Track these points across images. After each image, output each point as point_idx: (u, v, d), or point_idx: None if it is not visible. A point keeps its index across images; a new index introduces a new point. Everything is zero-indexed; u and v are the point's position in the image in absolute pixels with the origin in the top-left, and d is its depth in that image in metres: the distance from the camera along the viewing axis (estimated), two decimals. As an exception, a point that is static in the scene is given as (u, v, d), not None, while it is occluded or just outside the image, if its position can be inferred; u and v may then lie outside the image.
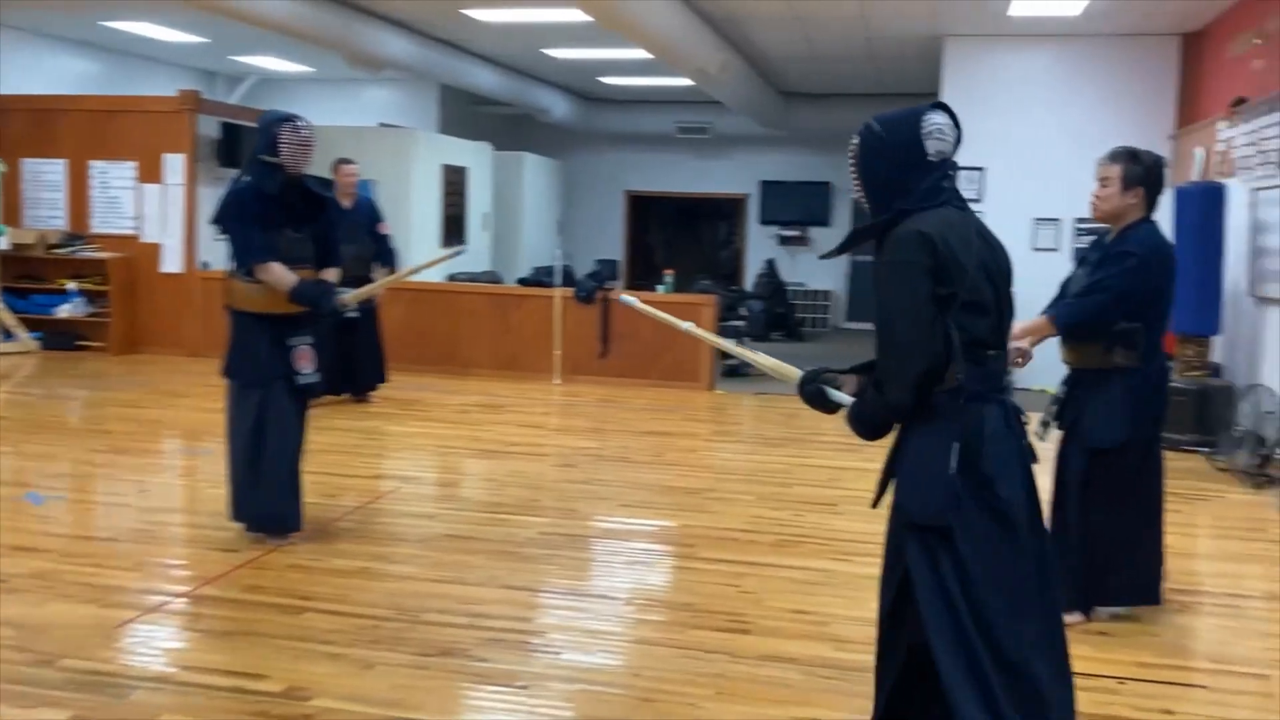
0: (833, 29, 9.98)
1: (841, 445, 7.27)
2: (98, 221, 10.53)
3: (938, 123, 2.51)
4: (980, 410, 2.41)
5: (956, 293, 2.37)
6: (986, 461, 2.39)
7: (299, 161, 4.40)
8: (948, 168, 2.51)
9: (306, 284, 4.45)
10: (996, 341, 2.47)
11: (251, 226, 4.42)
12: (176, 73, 13.58)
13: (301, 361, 4.52)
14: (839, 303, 16.51)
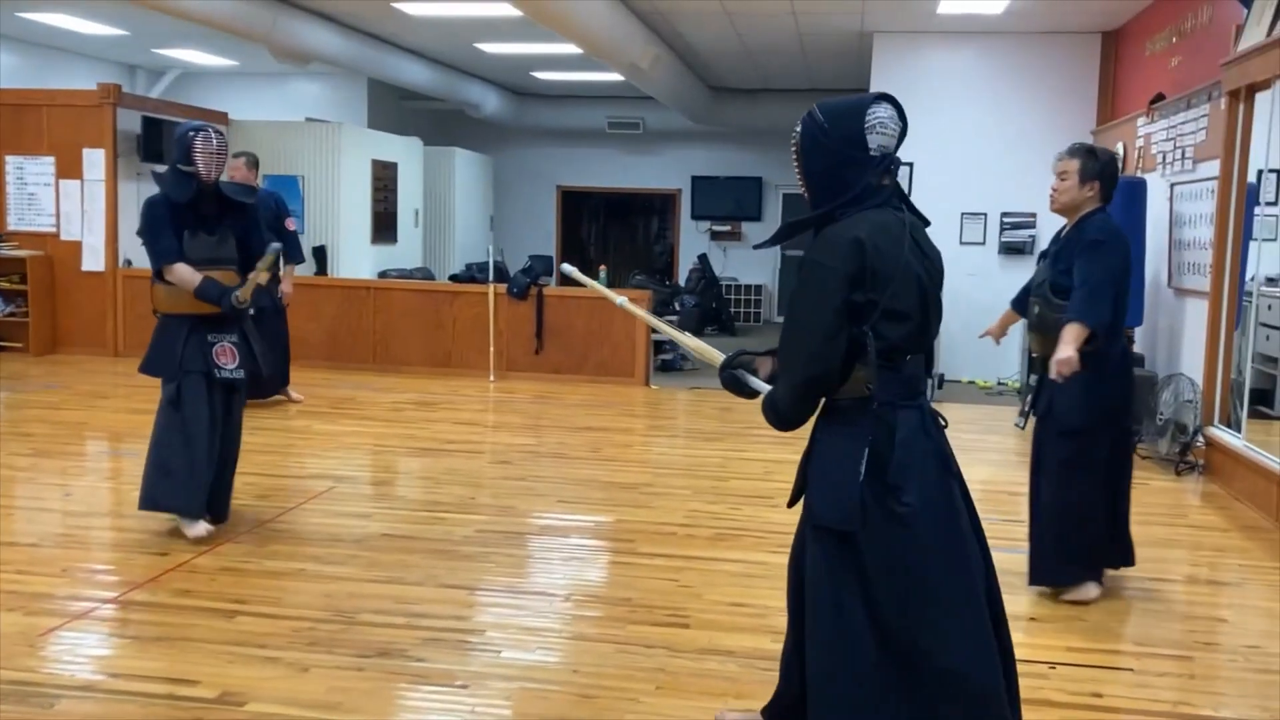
0: (763, 24, 10.05)
1: (776, 439, 7.31)
2: (15, 219, 10.23)
3: (881, 116, 2.45)
4: (894, 416, 2.40)
5: (877, 301, 2.34)
6: (895, 469, 2.38)
7: (212, 169, 4.61)
8: (889, 163, 2.46)
9: (207, 283, 4.61)
10: (916, 347, 2.45)
11: (161, 232, 4.63)
12: (96, 66, 13.24)
13: (222, 357, 4.69)
14: (771, 297, 16.64)
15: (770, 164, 16.33)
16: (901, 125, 2.48)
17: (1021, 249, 9.93)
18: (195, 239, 4.66)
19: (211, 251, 4.71)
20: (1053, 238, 4.36)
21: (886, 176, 2.46)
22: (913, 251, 2.41)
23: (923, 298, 2.43)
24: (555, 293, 9.71)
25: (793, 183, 16.25)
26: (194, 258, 4.64)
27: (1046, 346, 4.13)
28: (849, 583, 2.39)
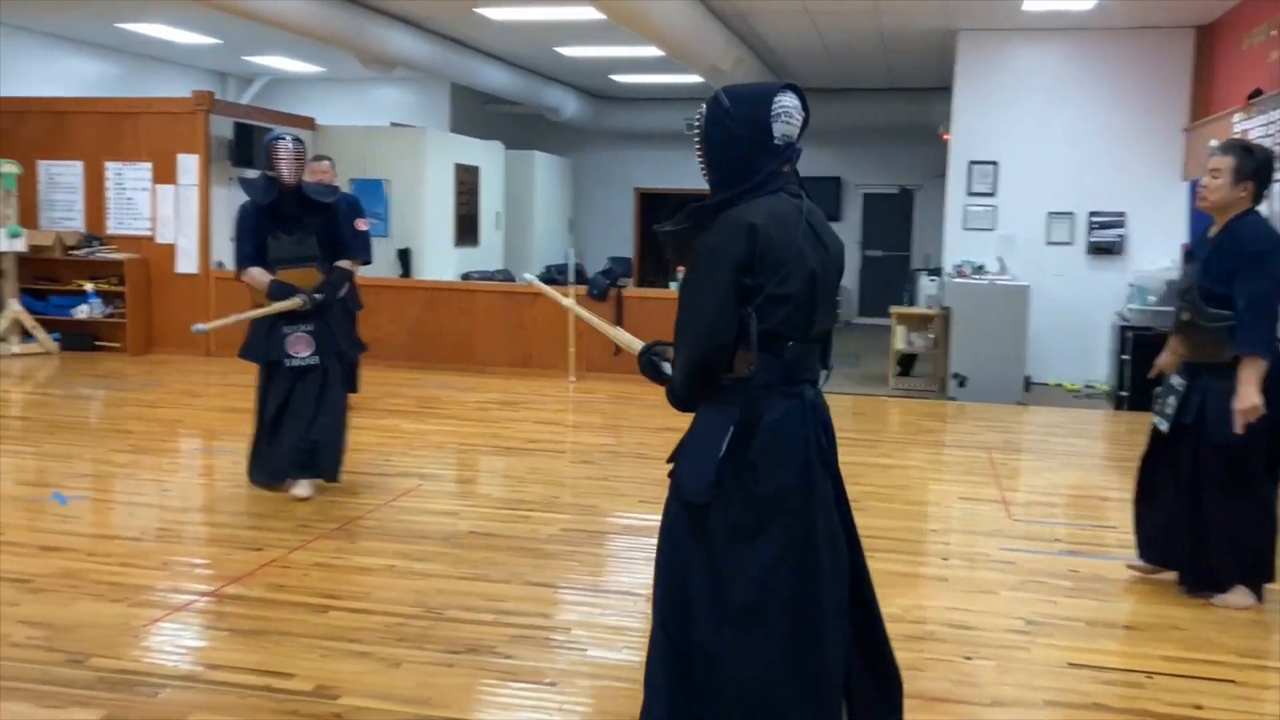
0: (845, 23, 9.97)
1: (859, 442, 7.28)
2: (114, 223, 10.58)
3: (787, 105, 2.47)
4: (766, 400, 2.43)
5: (764, 285, 2.37)
6: (756, 450, 2.41)
7: (291, 173, 5.09)
8: (790, 153, 2.48)
9: (273, 285, 5.15)
10: (800, 335, 2.45)
11: (244, 239, 5.21)
12: (190, 74, 13.62)
13: (294, 347, 5.20)
14: (850, 298, 16.48)
15: (849, 164, 16.18)
16: (804, 115, 2.52)
17: (1111, 249, 9.71)
18: (277, 240, 5.16)
19: (292, 251, 5.19)
20: (1197, 239, 4.16)
21: (788, 164, 2.49)
22: (808, 240, 2.44)
23: (811, 286, 2.44)
24: (634, 294, 9.74)
25: (874, 182, 16.13)
26: (276, 257, 5.16)
27: (1196, 353, 4.00)
28: (697, 552, 2.45)
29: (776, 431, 2.42)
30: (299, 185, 5.15)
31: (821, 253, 2.48)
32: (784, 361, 2.44)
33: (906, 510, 5.50)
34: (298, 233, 5.20)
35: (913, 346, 9.81)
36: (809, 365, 2.52)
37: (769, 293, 2.38)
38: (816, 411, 2.50)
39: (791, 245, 2.39)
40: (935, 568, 4.62)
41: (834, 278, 2.53)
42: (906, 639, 3.70)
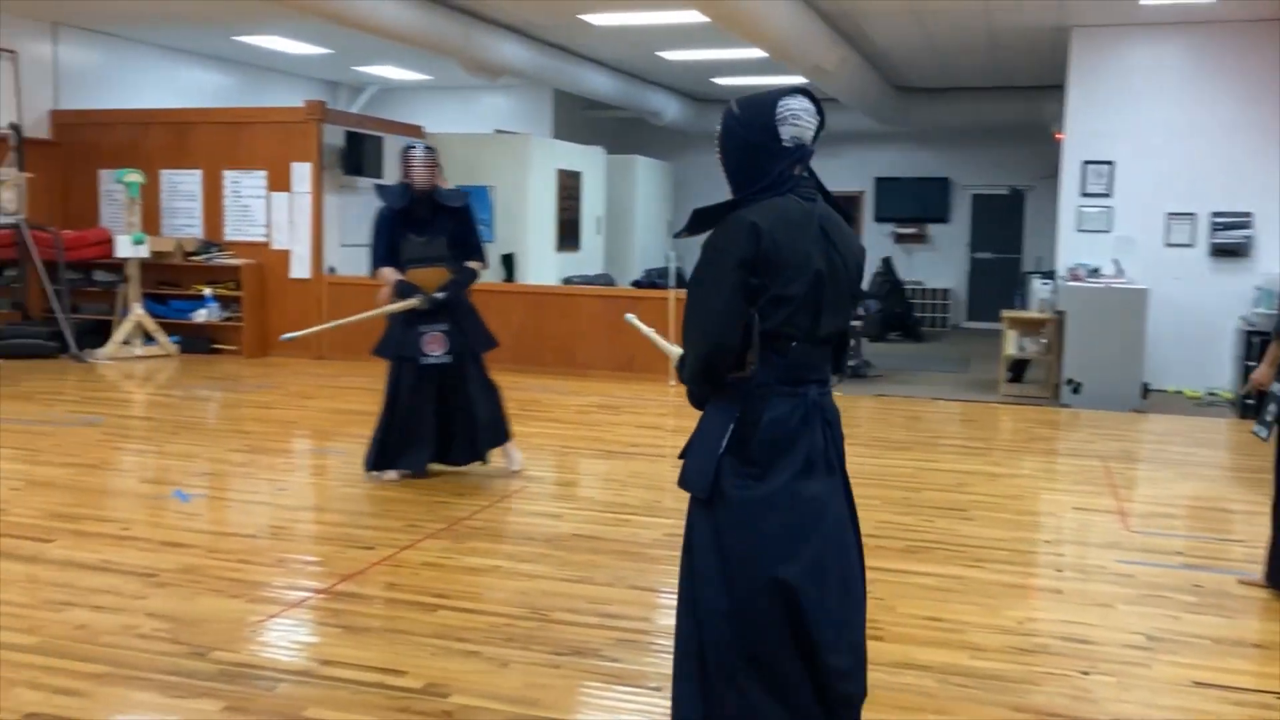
0: (953, 22, 9.79)
1: (968, 449, 7.13)
2: (231, 229, 10.94)
3: (794, 108, 2.50)
4: (767, 399, 2.45)
5: (768, 286, 2.40)
6: (755, 447, 2.44)
7: (422, 179, 5.46)
8: (801, 154, 2.50)
9: (400, 284, 5.48)
10: (805, 335, 2.46)
11: (379, 241, 5.57)
12: (303, 84, 14.03)
13: (430, 345, 5.53)
14: (959, 301, 16.18)
15: (958, 164, 15.89)
16: (819, 119, 2.53)
17: (1236, 251, 9.33)
18: (408, 241, 5.51)
19: (422, 251, 5.53)
20: None
21: (798, 166, 2.51)
22: (816, 241, 2.45)
23: (816, 288, 2.44)
24: (737, 298, 9.68)
25: (982, 183, 15.79)
26: (408, 257, 5.51)
27: None
28: (705, 545, 2.50)
29: (776, 430, 2.45)
30: (431, 190, 5.51)
31: (831, 255, 2.47)
32: (787, 361, 2.47)
33: (1017, 520, 5.36)
34: (428, 235, 5.54)
35: (1024, 351, 9.57)
36: (816, 366, 2.52)
37: (772, 293, 2.41)
38: (821, 412, 2.51)
39: (796, 246, 2.42)
40: (1048, 579, 4.49)
41: (846, 281, 2.52)
42: (1019, 651, 3.60)
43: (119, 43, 11.68)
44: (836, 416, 2.56)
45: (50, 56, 11.04)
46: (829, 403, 2.54)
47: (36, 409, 7.71)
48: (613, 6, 9.52)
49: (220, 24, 10.81)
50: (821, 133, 2.55)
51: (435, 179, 5.53)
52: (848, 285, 2.53)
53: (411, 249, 5.54)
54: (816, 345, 2.50)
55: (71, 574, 4.20)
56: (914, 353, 12.73)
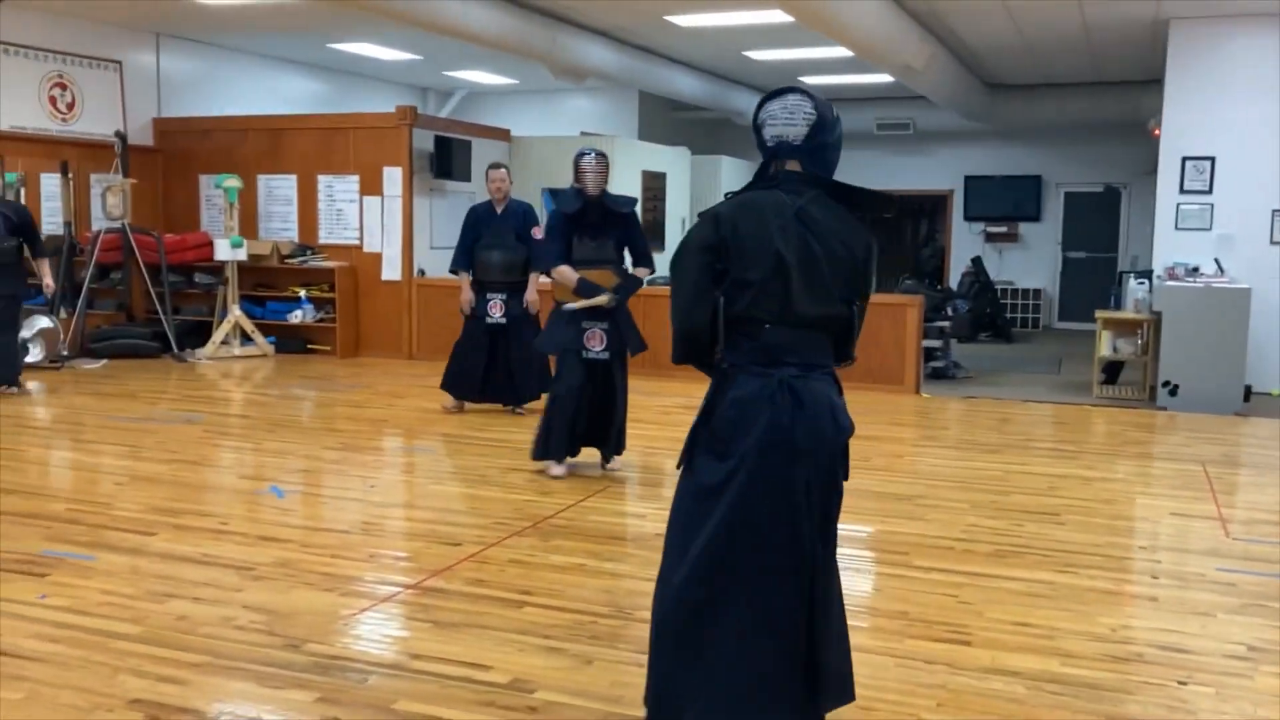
0: (1046, 17, 9.59)
1: (1060, 452, 6.98)
2: (324, 233, 11.21)
3: (771, 109, 2.73)
4: (736, 377, 2.68)
5: (729, 269, 2.64)
6: (719, 419, 2.69)
7: (591, 184, 5.77)
8: (784, 151, 2.71)
9: (582, 282, 5.77)
10: (777, 319, 2.64)
11: (553, 241, 5.93)
12: (393, 89, 14.31)
13: (591, 341, 5.84)
14: (1051, 302, 15.84)
15: (1050, 161, 15.57)
16: (812, 116, 2.70)
17: (1344, 248, 8.98)
18: (581, 243, 5.82)
19: (593, 254, 5.83)
20: None
21: (787, 162, 2.72)
22: (785, 230, 2.62)
23: (780, 273, 2.61)
24: (823, 298, 9.62)
25: (1075, 180, 15.43)
26: (579, 258, 5.79)
27: None
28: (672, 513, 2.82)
29: (739, 407, 2.65)
30: (602, 195, 5.81)
31: (809, 244, 2.63)
32: (759, 344, 2.66)
33: (1111, 526, 5.23)
34: (598, 238, 5.84)
35: (1119, 353, 9.34)
36: (795, 350, 2.67)
37: (733, 277, 2.64)
38: (794, 394, 2.62)
39: (757, 233, 2.62)
40: (1144, 586, 4.38)
41: (830, 270, 2.65)
42: (1113, 660, 3.52)
43: (218, 51, 12.05)
44: (821, 404, 2.66)
45: (153, 66, 11.44)
46: (811, 386, 2.66)
47: (140, 407, 8.00)
48: (698, 7, 9.52)
49: (315, 32, 11.08)
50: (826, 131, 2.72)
51: (604, 185, 5.82)
52: (832, 274, 2.67)
53: (583, 250, 5.82)
54: (796, 329, 2.66)
55: (173, 566, 4.35)
56: (1004, 354, 12.50)
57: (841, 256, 2.67)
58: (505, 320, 7.61)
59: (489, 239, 7.61)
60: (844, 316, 2.71)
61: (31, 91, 10.26)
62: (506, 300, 7.60)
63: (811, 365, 2.67)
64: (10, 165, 9.96)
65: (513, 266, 7.63)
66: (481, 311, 7.61)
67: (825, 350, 2.72)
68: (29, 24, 10.09)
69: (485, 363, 7.69)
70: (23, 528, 4.84)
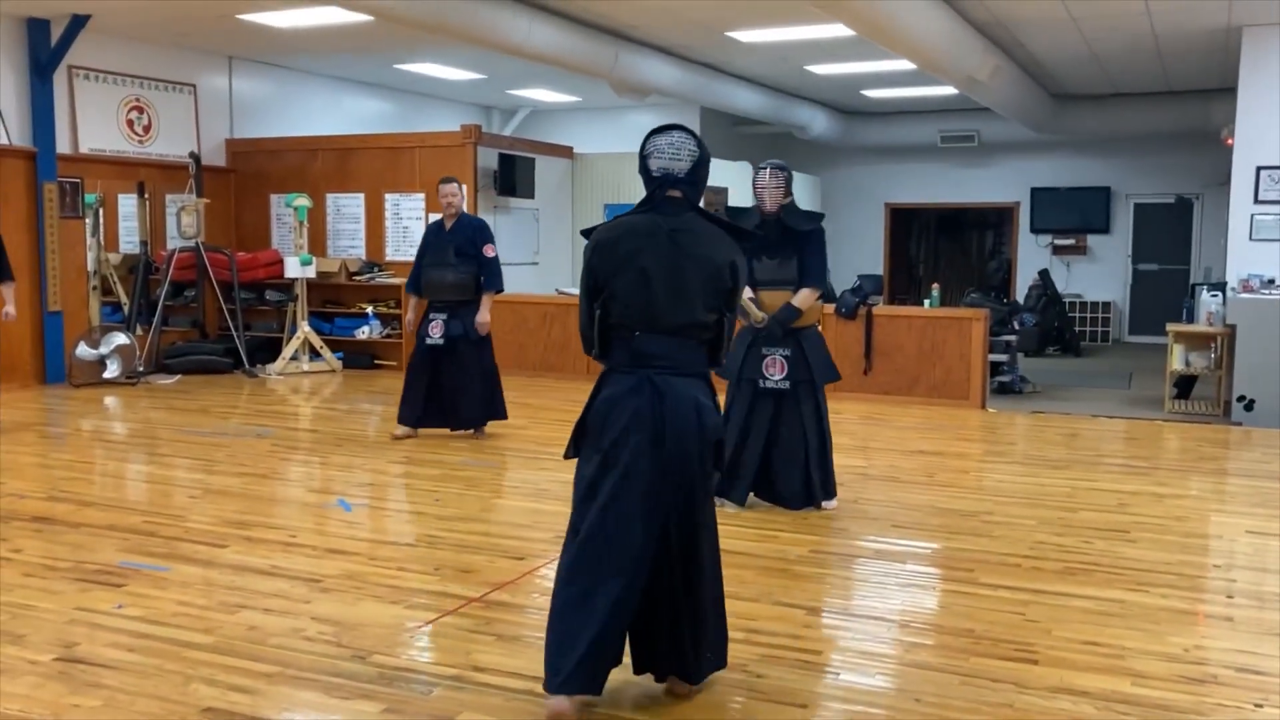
0: (1113, 26, 9.45)
1: (1130, 468, 6.85)
2: (391, 249, 11.39)
3: (659, 143, 3.13)
4: (610, 377, 3.13)
5: (602, 287, 3.10)
6: (590, 415, 3.12)
7: (765, 200, 5.43)
8: (669, 181, 3.11)
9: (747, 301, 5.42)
10: (644, 326, 3.06)
11: None
12: (458, 108, 14.51)
13: (770, 369, 5.50)
14: (1121, 315, 15.55)
15: (1120, 173, 15.31)
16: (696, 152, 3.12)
17: None
18: (761, 263, 5.47)
19: (773, 274, 5.50)
20: None
21: (670, 189, 3.12)
22: (654, 249, 3.05)
23: (644, 286, 3.03)
24: (885, 312, 9.56)
25: (1145, 191, 15.15)
26: (759, 278, 5.47)
27: None
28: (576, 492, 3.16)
29: (610, 403, 3.07)
30: (779, 213, 5.43)
31: (677, 260, 3.04)
32: (630, 349, 3.08)
33: (1184, 543, 5.12)
34: (779, 257, 5.48)
35: (1191, 367, 9.14)
36: (663, 355, 3.07)
37: (606, 292, 3.09)
38: (655, 389, 3.03)
39: (626, 253, 3.06)
40: (1219, 606, 4.28)
41: (692, 283, 3.05)
42: (1186, 680, 3.45)
43: (288, 74, 12.32)
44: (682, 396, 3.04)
45: (226, 89, 11.73)
46: (675, 383, 3.06)
47: (212, 421, 8.18)
48: (758, 23, 9.54)
49: (381, 53, 11.29)
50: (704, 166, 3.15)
51: (782, 200, 5.42)
52: (699, 288, 3.06)
53: (763, 271, 5.48)
54: (664, 335, 3.07)
55: (244, 578, 4.44)
56: (1073, 368, 12.29)
57: (711, 270, 3.08)
58: (443, 341, 7.20)
59: (433, 257, 7.26)
60: (709, 325, 3.11)
61: (110, 115, 10.58)
62: (447, 321, 7.20)
63: (679, 368, 3.08)
64: (90, 187, 10.28)
65: (458, 285, 7.20)
66: (423, 332, 7.29)
67: (695, 355, 3.12)
68: (107, 50, 10.42)
69: (427, 385, 7.32)
70: (101, 539, 4.98)
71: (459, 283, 7.22)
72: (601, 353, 3.18)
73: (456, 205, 7.29)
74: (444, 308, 7.26)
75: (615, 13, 9.22)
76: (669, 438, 3.03)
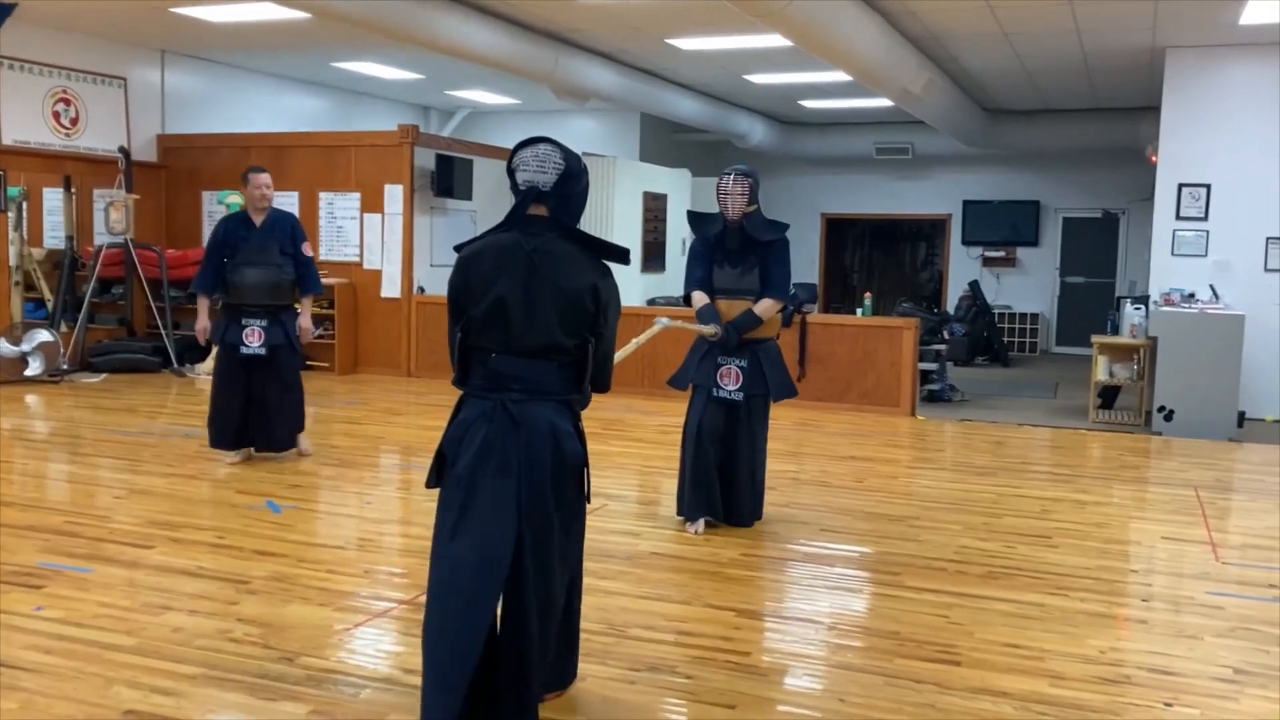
0: (1044, 45, 9.68)
1: (1054, 476, 7.01)
2: (325, 249, 11.26)
3: (524, 156, 3.02)
4: (468, 399, 3.03)
5: (465, 309, 3.00)
6: (445, 439, 3.02)
7: (727, 207, 5.18)
8: (533, 196, 3.00)
9: (702, 309, 5.30)
10: (501, 348, 2.97)
11: (692, 267, 5.39)
12: (396, 108, 14.40)
13: (724, 378, 5.26)
14: (1049, 326, 15.89)
15: (1049, 186, 15.65)
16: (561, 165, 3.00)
17: (1338, 276, 9.03)
18: (722, 271, 5.29)
19: (733, 283, 5.27)
20: None
21: (533, 206, 3.02)
22: (512, 270, 2.95)
23: (499, 310, 2.94)
24: (819, 320, 9.68)
25: (1073, 205, 15.51)
26: (719, 287, 5.27)
27: None
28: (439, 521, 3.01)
29: (463, 428, 2.98)
30: (741, 221, 5.18)
31: (531, 283, 2.94)
32: (487, 370, 2.99)
33: (1104, 549, 5.26)
34: (741, 266, 5.26)
35: (1115, 378, 9.38)
36: (519, 377, 2.97)
37: (467, 314, 2.99)
38: (510, 416, 2.93)
39: (485, 275, 2.96)
40: (1135, 609, 4.40)
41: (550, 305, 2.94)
42: (1101, 681, 3.55)
43: (223, 69, 12.14)
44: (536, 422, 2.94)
45: (158, 83, 11.52)
46: (530, 409, 2.95)
47: (139, 421, 8.02)
48: (699, 31, 9.61)
49: (319, 51, 11.17)
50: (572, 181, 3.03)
51: (745, 208, 5.17)
52: (557, 311, 2.95)
53: (723, 279, 5.28)
54: (520, 358, 2.96)
55: (169, 579, 4.37)
56: (1001, 378, 12.53)
57: (568, 295, 2.96)
58: (265, 350, 6.49)
59: (246, 255, 6.46)
60: (570, 349, 2.99)
61: (35, 107, 10.33)
62: (267, 327, 6.48)
63: (536, 392, 2.97)
64: (14, 180, 10.03)
65: (277, 288, 6.55)
66: (235, 340, 6.45)
67: (553, 379, 3.00)
68: (34, 40, 10.18)
69: (242, 401, 6.52)
70: (21, 540, 4.86)
71: (281, 284, 6.57)
72: (460, 376, 3.05)
73: (270, 198, 6.59)
74: (260, 312, 6.48)
75: (556, 16, 9.23)
76: (521, 468, 2.91)
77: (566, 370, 3.02)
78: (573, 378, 3.04)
